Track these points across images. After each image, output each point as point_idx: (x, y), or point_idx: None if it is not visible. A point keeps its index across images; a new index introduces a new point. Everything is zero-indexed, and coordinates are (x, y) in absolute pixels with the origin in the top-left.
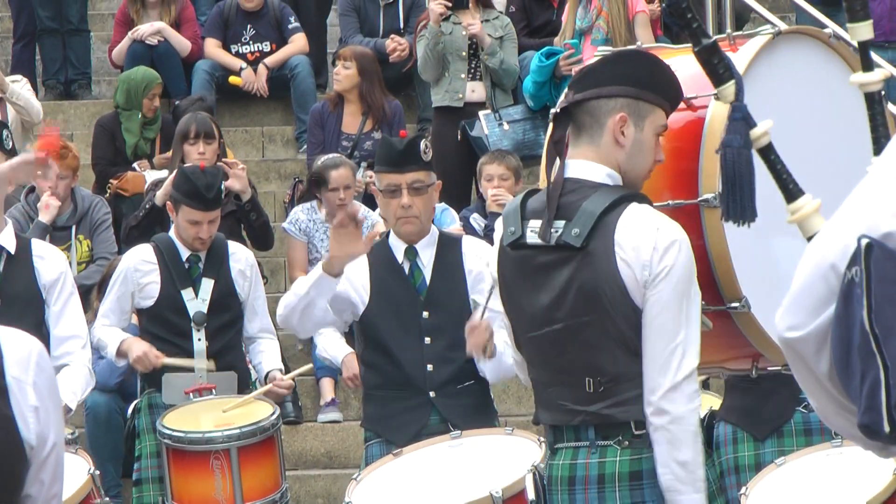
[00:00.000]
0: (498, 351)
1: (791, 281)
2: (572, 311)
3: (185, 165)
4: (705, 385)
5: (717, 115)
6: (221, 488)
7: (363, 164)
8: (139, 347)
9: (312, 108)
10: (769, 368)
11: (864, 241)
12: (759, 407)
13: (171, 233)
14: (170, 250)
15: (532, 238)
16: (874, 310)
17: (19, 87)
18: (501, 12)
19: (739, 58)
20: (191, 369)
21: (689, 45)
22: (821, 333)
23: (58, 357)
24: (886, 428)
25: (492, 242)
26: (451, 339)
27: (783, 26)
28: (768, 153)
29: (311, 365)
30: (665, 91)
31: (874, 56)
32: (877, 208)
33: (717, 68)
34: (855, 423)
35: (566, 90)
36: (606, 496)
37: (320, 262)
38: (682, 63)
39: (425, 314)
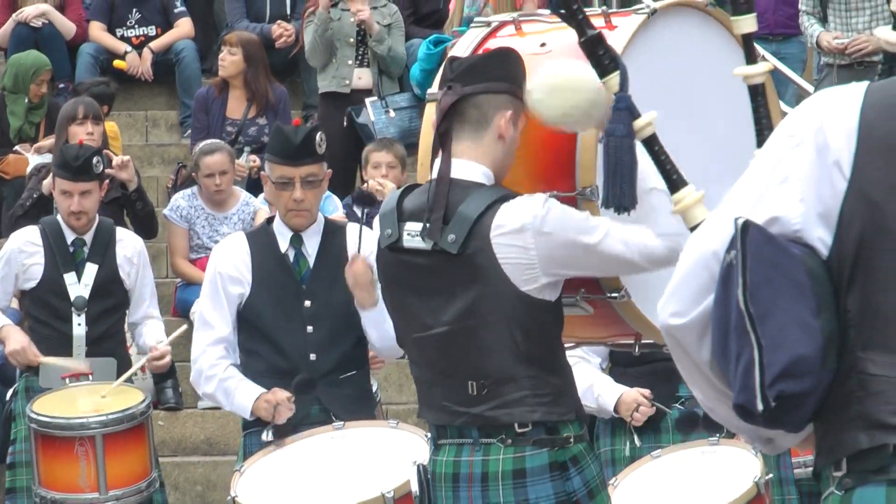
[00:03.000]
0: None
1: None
2: (455, 315)
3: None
4: None
5: None
6: (86, 475)
7: (247, 149)
8: (17, 340)
9: (197, 92)
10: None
11: (741, 221)
12: None
13: (59, 216)
14: (56, 233)
15: (409, 241)
16: (749, 288)
17: None
18: (389, 0)
19: (616, 39)
20: (67, 369)
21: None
22: (702, 321)
23: None
24: (760, 406)
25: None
26: (334, 329)
27: (658, 3)
28: (652, 143)
29: (185, 326)
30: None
31: (758, 49)
32: (756, 199)
33: (602, 59)
34: None
35: (442, 80)
36: (490, 494)
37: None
38: (560, 42)
39: (307, 303)
